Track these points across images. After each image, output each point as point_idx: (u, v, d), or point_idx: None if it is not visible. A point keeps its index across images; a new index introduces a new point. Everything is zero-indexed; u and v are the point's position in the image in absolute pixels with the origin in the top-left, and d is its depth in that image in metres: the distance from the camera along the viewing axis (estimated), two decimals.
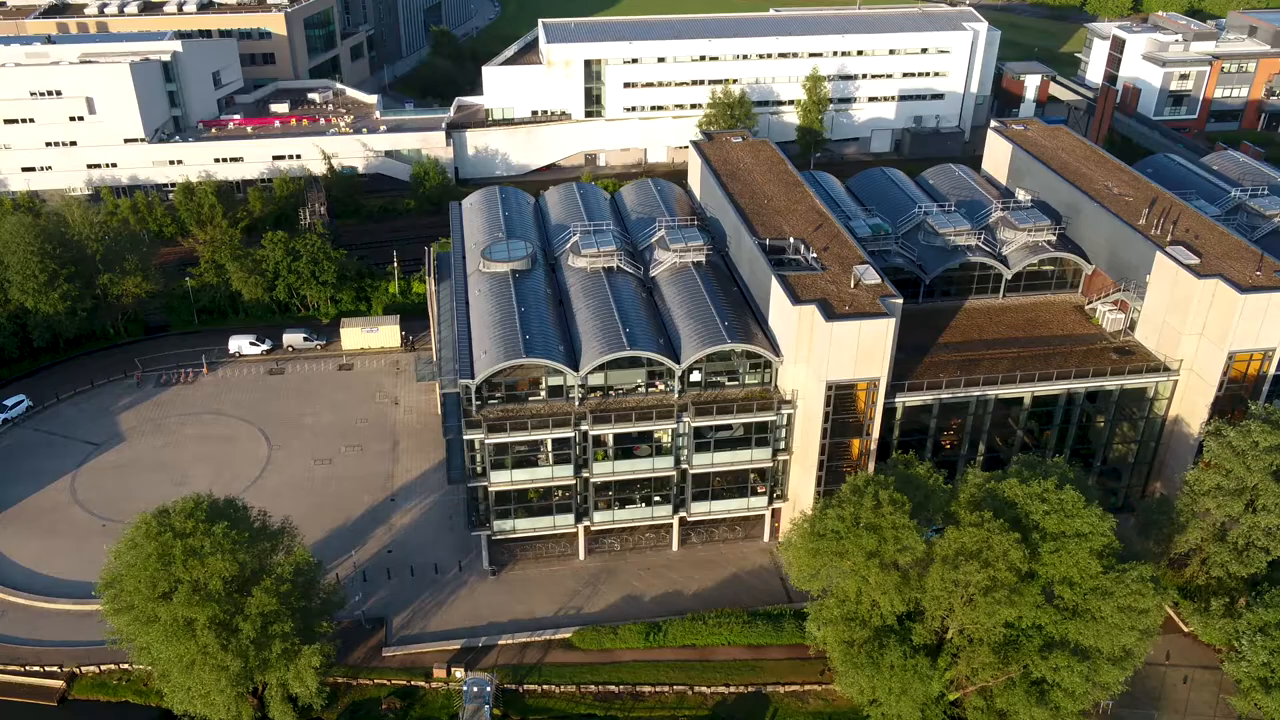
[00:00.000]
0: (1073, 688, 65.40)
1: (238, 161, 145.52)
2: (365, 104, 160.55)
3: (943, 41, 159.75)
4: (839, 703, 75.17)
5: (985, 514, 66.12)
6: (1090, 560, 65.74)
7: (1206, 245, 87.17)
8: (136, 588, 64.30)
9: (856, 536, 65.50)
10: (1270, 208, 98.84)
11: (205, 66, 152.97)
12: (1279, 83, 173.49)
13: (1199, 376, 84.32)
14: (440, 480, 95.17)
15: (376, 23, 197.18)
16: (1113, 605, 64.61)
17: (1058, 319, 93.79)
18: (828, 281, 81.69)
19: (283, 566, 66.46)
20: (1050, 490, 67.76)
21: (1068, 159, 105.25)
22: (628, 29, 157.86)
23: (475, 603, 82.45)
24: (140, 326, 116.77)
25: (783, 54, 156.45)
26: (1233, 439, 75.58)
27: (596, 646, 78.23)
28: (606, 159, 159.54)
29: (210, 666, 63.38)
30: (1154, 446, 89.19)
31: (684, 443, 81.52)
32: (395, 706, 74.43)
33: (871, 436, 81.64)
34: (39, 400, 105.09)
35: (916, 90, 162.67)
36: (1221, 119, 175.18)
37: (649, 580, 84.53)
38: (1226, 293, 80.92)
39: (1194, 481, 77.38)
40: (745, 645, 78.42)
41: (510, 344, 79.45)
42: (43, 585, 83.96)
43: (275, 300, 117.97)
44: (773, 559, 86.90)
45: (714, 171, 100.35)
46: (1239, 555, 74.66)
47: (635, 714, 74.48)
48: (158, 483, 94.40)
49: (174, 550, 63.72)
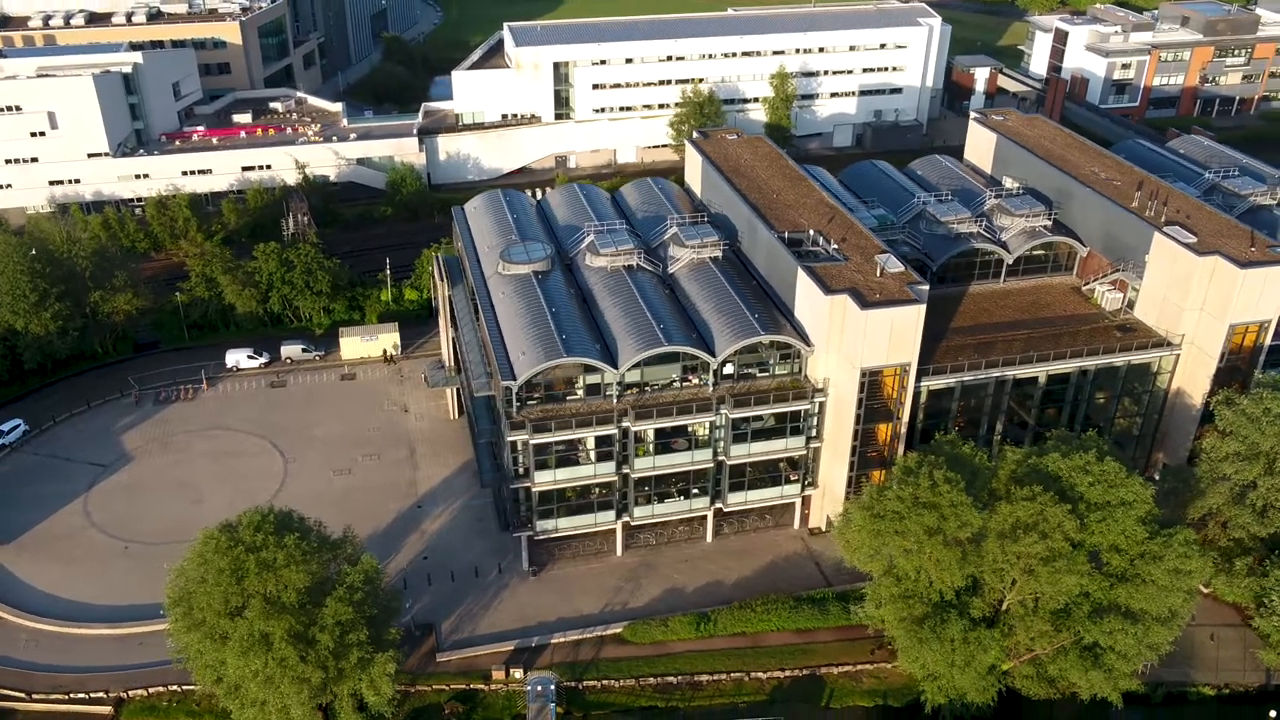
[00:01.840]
0: (1126, 650, 68.37)
1: (206, 174, 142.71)
2: (330, 112, 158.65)
3: (900, 37, 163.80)
4: (892, 680, 77.31)
5: (1035, 488, 68.72)
6: (1136, 527, 68.81)
7: (1198, 224, 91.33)
8: (208, 604, 63.39)
9: (918, 515, 67.51)
10: (1244, 188, 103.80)
11: (165, 78, 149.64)
12: (1212, 70, 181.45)
13: (1200, 349, 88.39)
14: (465, 485, 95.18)
15: (326, 30, 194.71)
16: (1163, 568, 67.73)
17: (1059, 300, 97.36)
18: (853, 271, 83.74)
19: (352, 575, 66.00)
20: (1092, 462, 70.69)
21: (1050, 146, 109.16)
22: (594, 31, 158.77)
23: (520, 603, 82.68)
24: (129, 344, 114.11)
25: (747, 53, 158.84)
26: (1246, 407, 79.57)
27: (649, 639, 79.16)
28: (577, 160, 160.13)
29: (290, 679, 62.65)
30: (1157, 419, 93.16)
31: (721, 435, 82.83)
32: (458, 710, 74.45)
33: (901, 420, 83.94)
34: (35, 424, 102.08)
35: (876, 85, 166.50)
36: (1160, 106, 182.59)
37: (688, 572, 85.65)
38: (1226, 268, 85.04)
39: (1210, 449, 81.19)
40: (794, 630, 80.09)
41: (549, 344, 79.88)
42: (72, 611, 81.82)
43: (268, 312, 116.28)
44: (805, 545, 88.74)
45: (718, 168, 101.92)
46: (1259, 516, 78.59)
47: (695, 703, 75.68)
48: (174, 502, 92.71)
49: (247, 564, 62.95)
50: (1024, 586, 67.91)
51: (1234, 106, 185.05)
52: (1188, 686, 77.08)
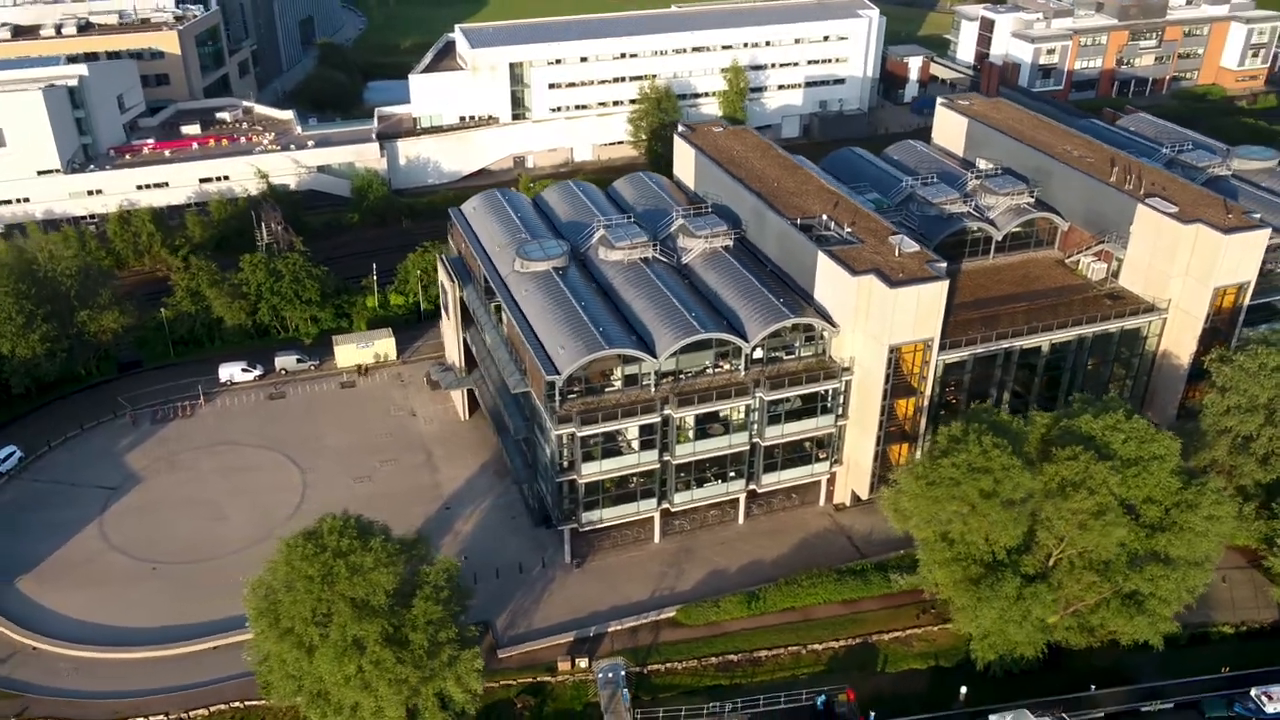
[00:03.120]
0: (1167, 595, 72.55)
1: (162, 187, 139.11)
2: (281, 120, 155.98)
3: (842, 29, 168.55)
4: (941, 641, 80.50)
5: (1076, 449, 72.51)
6: (1170, 479, 73.20)
7: (1174, 196, 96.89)
8: (297, 612, 62.88)
9: (973, 480, 70.60)
10: (1200, 160, 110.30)
11: (110, 91, 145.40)
12: (1127, 53, 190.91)
13: (1186, 312, 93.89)
14: (489, 484, 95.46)
15: (257, 38, 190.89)
16: (1199, 515, 72.09)
17: (1047, 274, 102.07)
18: (871, 253, 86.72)
19: (434, 574, 66.13)
20: (1122, 421, 74.90)
21: (1021, 128, 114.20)
22: (548, 31, 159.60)
23: (569, 595, 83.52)
24: (113, 364, 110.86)
25: (697, 48, 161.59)
26: (1243, 363, 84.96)
27: (703, 621, 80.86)
28: (535, 160, 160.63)
29: (386, 681, 62.59)
30: (1146, 380, 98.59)
31: (755, 417, 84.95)
32: (530, 704, 75.00)
33: (924, 394, 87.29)
34: (29, 450, 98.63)
35: (820, 76, 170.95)
36: (1081, 88, 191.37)
37: (727, 554, 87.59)
38: (1210, 235, 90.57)
39: (1210, 404, 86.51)
40: (840, 601, 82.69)
41: (588, 338, 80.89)
42: (112, 636, 79.72)
43: (256, 324, 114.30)
44: (834, 520, 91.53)
45: (715, 160, 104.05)
46: (1262, 464, 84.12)
47: (758, 678, 77.57)
48: (194, 520, 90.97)
49: (338, 569, 62.63)
50: (1075, 541, 71.56)
51: (1148, 87, 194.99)
52: (1209, 627, 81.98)
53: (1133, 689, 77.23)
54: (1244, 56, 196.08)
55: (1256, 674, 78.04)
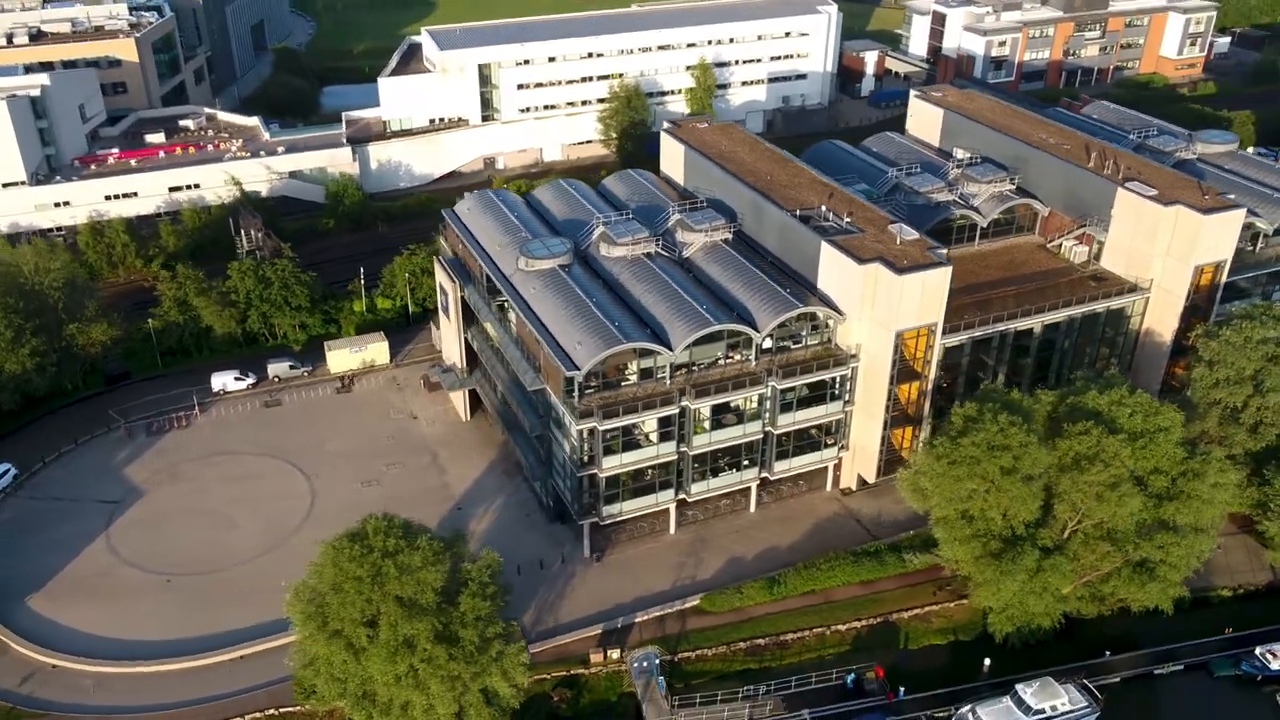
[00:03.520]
0: (1177, 562, 75.65)
1: (131, 197, 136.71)
2: (247, 127, 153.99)
3: (803, 25, 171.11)
4: (958, 616, 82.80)
5: (1088, 424, 75.23)
6: (1176, 449, 76.29)
7: (1151, 179, 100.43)
8: (346, 614, 62.92)
9: (994, 458, 72.88)
10: (1167, 145, 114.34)
11: (72, 100, 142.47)
12: (1074, 44, 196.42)
13: (1168, 291, 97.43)
14: (498, 483, 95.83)
15: (210, 44, 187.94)
16: (1206, 484, 75.26)
17: (1031, 258, 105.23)
18: (873, 241, 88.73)
19: (477, 570, 66.56)
20: (1126, 396, 77.87)
21: (995, 118, 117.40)
22: (516, 32, 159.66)
23: (592, 589, 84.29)
24: (99, 377, 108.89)
25: (663, 46, 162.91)
26: (1229, 337, 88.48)
27: (727, 607, 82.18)
28: (505, 161, 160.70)
29: (439, 678, 62.95)
30: (1129, 358, 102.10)
31: (768, 406, 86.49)
32: (566, 696, 75.68)
33: (928, 378, 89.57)
34: (23, 467, 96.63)
35: (783, 72, 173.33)
36: (1030, 79, 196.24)
37: (743, 542, 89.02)
38: (1190, 215, 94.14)
39: (1200, 378, 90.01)
40: (859, 582, 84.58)
41: (605, 333, 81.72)
42: (132, 650, 78.63)
43: (245, 332, 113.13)
44: (842, 505, 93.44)
45: (707, 156, 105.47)
46: (1252, 433, 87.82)
47: (785, 661, 79.15)
48: (203, 530, 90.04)
49: (387, 569, 62.78)
50: (1093, 512, 74.20)
51: (1094, 77, 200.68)
52: (1209, 591, 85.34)
53: (1145, 653, 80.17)
54: (1182, 45, 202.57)
55: (1258, 634, 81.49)
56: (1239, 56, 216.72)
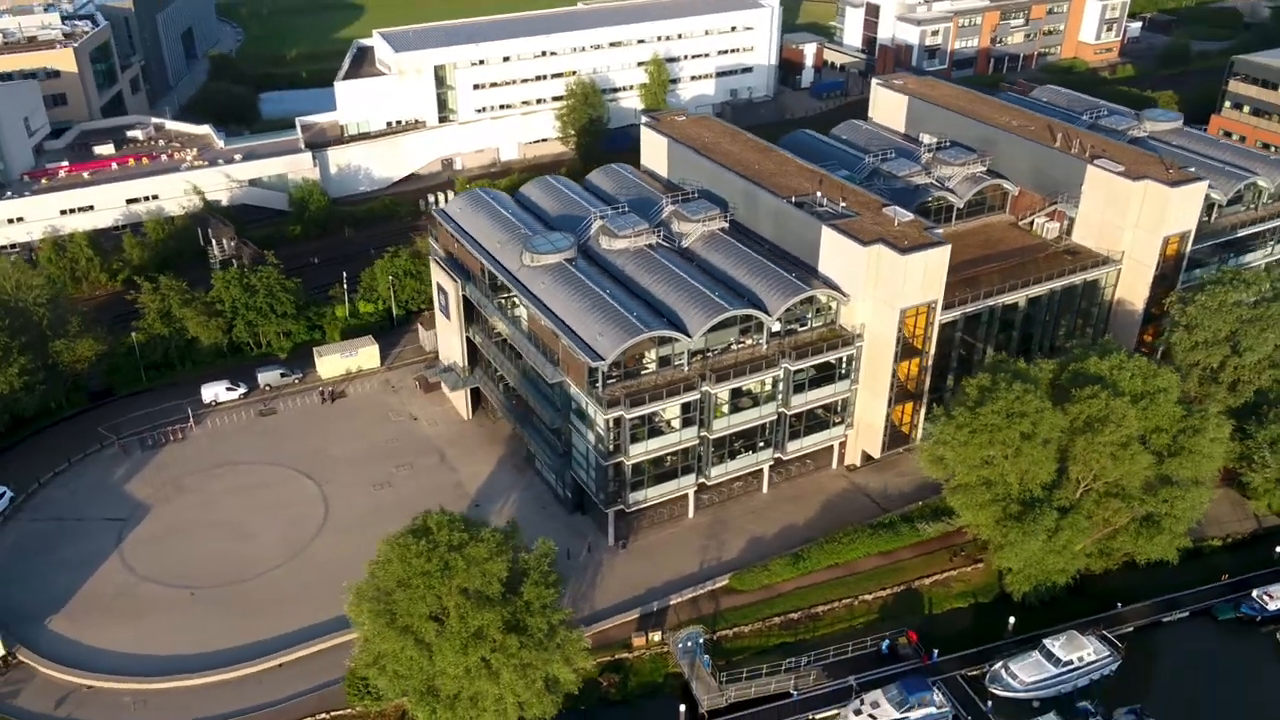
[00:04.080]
0: (1182, 514, 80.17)
1: (88, 211, 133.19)
2: (197, 135, 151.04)
3: (748, 19, 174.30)
4: (975, 580, 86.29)
5: (1094, 388, 79.24)
6: (1175, 408, 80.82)
7: (1115, 156, 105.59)
8: (414, 609, 63.32)
9: (1014, 424, 76.33)
10: (1119, 124, 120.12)
11: (17, 113, 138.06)
12: (1000, 31, 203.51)
13: (1138, 261, 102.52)
14: (511, 478, 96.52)
15: (143, 53, 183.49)
16: (1205, 439, 79.93)
17: (1006, 236, 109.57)
18: (870, 224, 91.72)
19: (535, 559, 67.49)
20: (1125, 360, 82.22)
21: (960, 103, 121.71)
22: (470, 32, 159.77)
23: (621, 575, 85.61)
24: (83, 395, 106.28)
25: (614, 43, 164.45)
26: (1204, 301, 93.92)
27: (756, 585, 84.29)
28: (463, 162, 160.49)
29: (512, 667, 63.76)
30: (1103, 327, 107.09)
31: (782, 388, 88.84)
32: (614, 681, 76.94)
33: (928, 354, 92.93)
34: (19, 489, 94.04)
35: (730, 66, 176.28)
36: (960, 66, 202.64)
37: (760, 522, 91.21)
38: (1158, 189, 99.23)
39: (1178, 341, 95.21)
40: (878, 553, 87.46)
41: (624, 323, 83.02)
42: (165, 666, 77.49)
43: (230, 343, 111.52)
44: (849, 481, 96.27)
45: (692, 147, 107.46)
46: (1231, 391, 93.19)
47: (819, 632, 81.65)
48: (219, 542, 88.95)
49: (456, 563, 63.34)
50: (1107, 471, 78.16)
51: (1020, 63, 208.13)
52: (1201, 542, 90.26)
53: (1153, 603, 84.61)
54: (1100, 31, 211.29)
55: (1252, 578, 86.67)
56: (1150, 40, 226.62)
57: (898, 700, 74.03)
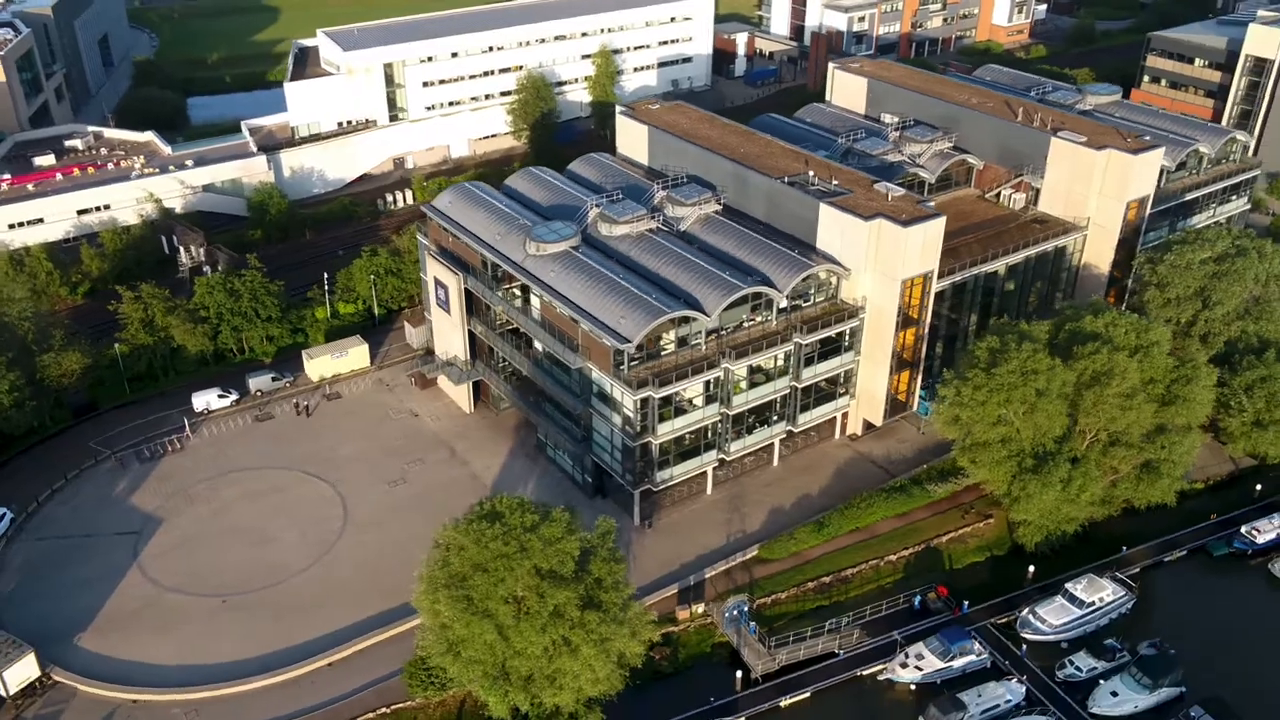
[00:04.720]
0: (1179, 459, 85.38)
1: (37, 224, 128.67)
2: (140, 143, 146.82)
3: (686, 9, 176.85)
4: (989, 535, 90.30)
5: (1096, 344, 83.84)
6: (1167, 360, 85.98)
7: (1075, 128, 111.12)
8: (493, 592, 63.97)
9: (1029, 382, 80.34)
10: (1068, 98, 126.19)
11: None
12: (920, 16, 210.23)
13: (1103, 228, 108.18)
14: (525, 467, 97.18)
15: (64, 60, 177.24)
16: (1198, 386, 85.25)
17: (976, 208, 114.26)
18: (865, 200, 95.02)
19: (599, 537, 68.65)
20: (1118, 317, 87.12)
21: (919, 83, 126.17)
22: (417, 29, 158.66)
23: (651, 553, 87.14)
24: (67, 410, 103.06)
25: (559, 37, 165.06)
26: (1173, 260, 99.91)
27: (785, 553, 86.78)
28: (415, 160, 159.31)
29: (591, 643, 64.88)
30: (1071, 290, 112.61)
31: (792, 362, 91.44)
32: (666, 654, 78.53)
33: (924, 323, 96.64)
34: (19, 509, 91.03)
35: (671, 56, 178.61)
36: (884, 51, 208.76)
37: (777, 494, 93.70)
38: (1121, 157, 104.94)
39: (1151, 299, 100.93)
40: (894, 515, 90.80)
41: (645, 305, 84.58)
42: (210, 674, 76.21)
43: (215, 350, 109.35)
44: (854, 449, 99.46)
45: (673, 134, 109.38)
46: (1204, 343, 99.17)
47: (852, 594, 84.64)
48: (240, 548, 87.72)
49: (532, 544, 64.17)
50: (1117, 421, 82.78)
51: (939, 46, 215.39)
52: (1185, 486, 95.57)
53: (1153, 545, 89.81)
54: (1011, 14, 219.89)
55: (1237, 516, 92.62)
56: (1054, 21, 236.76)
57: (940, 650, 77.39)
